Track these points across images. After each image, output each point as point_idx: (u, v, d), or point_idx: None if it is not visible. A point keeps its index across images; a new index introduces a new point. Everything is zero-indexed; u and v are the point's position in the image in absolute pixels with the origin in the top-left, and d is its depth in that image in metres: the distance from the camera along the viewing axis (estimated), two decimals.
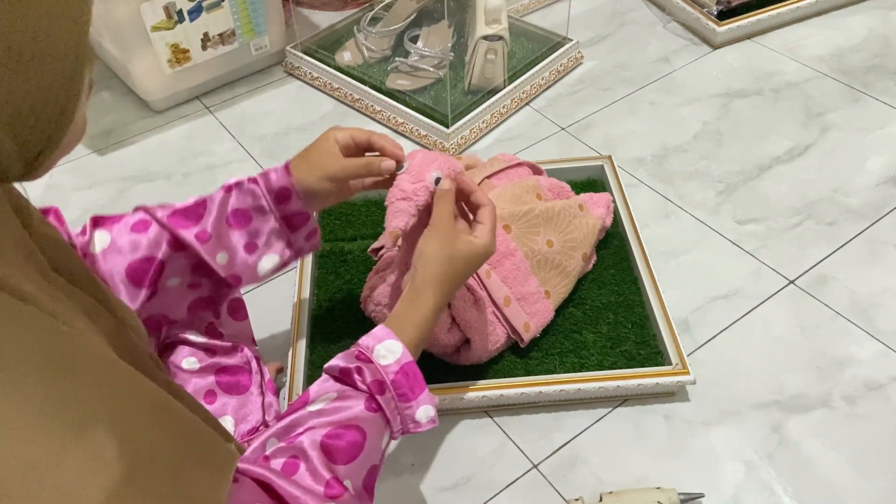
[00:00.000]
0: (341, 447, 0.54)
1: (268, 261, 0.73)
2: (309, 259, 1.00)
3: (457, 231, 0.69)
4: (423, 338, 0.64)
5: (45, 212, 0.64)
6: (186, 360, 0.75)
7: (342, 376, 0.59)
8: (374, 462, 0.57)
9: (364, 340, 0.61)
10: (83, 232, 0.67)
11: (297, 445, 0.53)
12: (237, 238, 0.70)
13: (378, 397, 0.58)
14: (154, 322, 0.71)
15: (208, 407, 0.74)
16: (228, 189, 0.70)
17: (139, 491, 0.33)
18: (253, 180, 0.71)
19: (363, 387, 0.58)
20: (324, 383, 0.59)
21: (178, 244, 0.68)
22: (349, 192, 0.76)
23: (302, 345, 0.89)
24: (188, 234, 0.68)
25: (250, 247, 0.71)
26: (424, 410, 0.61)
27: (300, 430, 0.54)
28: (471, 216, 0.74)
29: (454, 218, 0.70)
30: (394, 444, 0.85)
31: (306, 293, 0.95)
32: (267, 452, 0.53)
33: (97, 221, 0.68)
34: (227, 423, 0.74)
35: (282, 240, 0.73)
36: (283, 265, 0.76)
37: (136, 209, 0.70)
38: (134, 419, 0.35)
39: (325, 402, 0.57)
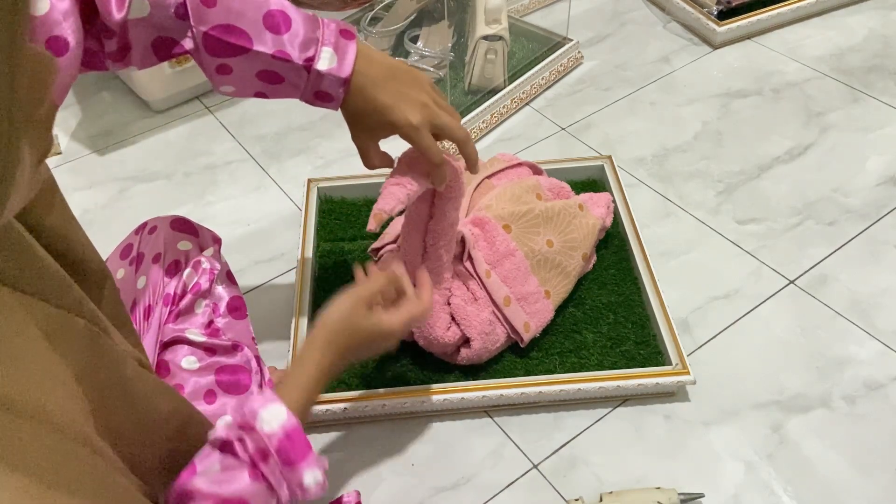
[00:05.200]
0: None
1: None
2: (309, 259, 1.00)
3: (368, 307, 0.68)
4: (310, 399, 0.63)
5: None
6: (186, 359, 0.75)
7: (224, 447, 0.57)
8: None
9: (248, 404, 0.59)
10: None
11: None
12: (256, 86, 0.67)
13: (262, 465, 0.56)
14: None
15: (208, 407, 0.74)
16: (279, 58, 0.63)
17: None
18: (308, 65, 0.64)
19: (245, 457, 0.56)
20: (208, 455, 0.57)
21: (197, 51, 0.64)
22: None
23: (302, 345, 0.89)
24: (212, 62, 0.64)
25: (260, 95, 0.68)
26: (312, 475, 0.58)
27: (186, 498, 0.54)
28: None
29: (373, 298, 0.69)
30: (380, 434, 0.85)
31: (306, 293, 0.95)
32: None
33: None
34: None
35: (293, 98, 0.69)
36: None
37: None
38: None
39: (209, 475, 0.55)
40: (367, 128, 0.69)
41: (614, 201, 1.05)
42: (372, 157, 0.71)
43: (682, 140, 1.24)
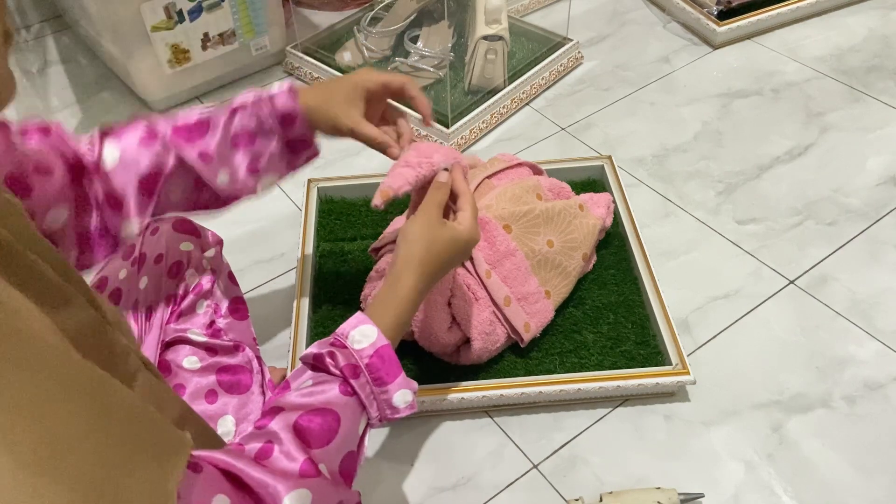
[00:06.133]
0: (314, 430, 0.53)
1: (267, 180, 0.73)
2: (309, 259, 1.00)
3: (441, 217, 0.69)
4: (402, 321, 0.64)
5: (45, 130, 0.63)
6: (187, 359, 0.75)
7: (316, 363, 0.59)
8: (351, 448, 0.56)
9: (340, 328, 0.60)
10: (91, 144, 0.66)
11: (269, 430, 0.52)
12: (240, 158, 0.70)
13: (352, 381, 0.57)
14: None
15: (209, 406, 0.74)
16: (234, 111, 0.70)
17: (57, 485, 0.31)
18: (258, 102, 0.70)
19: (336, 371, 0.57)
20: (301, 373, 0.59)
21: (182, 161, 0.68)
22: None
23: (302, 345, 0.90)
24: (191, 153, 0.68)
25: (252, 167, 0.71)
26: (402, 395, 0.60)
27: (274, 414, 0.54)
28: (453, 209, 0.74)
29: (443, 208, 0.70)
30: (380, 433, 0.85)
31: (306, 293, 0.95)
32: (238, 439, 0.52)
33: (105, 133, 0.68)
34: (228, 422, 0.74)
35: (283, 161, 0.73)
36: (279, 181, 0.76)
37: (137, 120, 0.69)
38: (54, 409, 0.33)
39: (301, 390, 0.56)
40: (343, 99, 0.72)
41: (614, 201, 1.05)
42: (366, 126, 0.72)
43: (682, 140, 1.24)
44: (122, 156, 0.66)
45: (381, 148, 0.73)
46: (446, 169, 0.72)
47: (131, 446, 0.36)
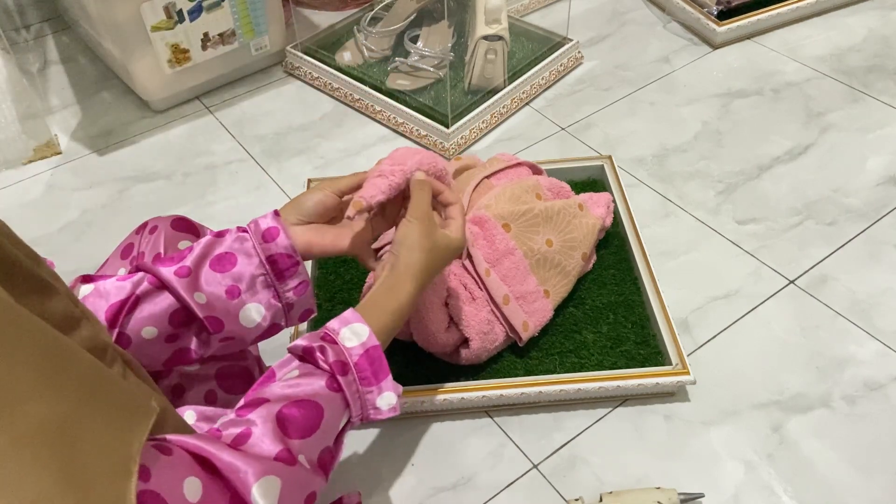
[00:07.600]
0: (297, 420, 0.53)
1: (253, 310, 0.68)
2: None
3: (435, 223, 0.69)
4: (395, 325, 0.63)
5: None
6: None
7: (305, 355, 0.58)
8: (328, 444, 0.56)
9: (331, 323, 0.60)
10: (71, 285, 0.65)
11: (250, 418, 0.52)
12: (219, 280, 0.67)
13: (340, 378, 0.57)
14: None
15: (209, 407, 0.74)
16: (218, 234, 0.68)
17: (6, 436, 0.31)
18: (243, 228, 0.68)
19: (325, 366, 0.57)
20: (287, 363, 0.59)
21: (157, 283, 0.65)
22: (344, 243, 0.73)
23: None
24: (167, 271, 0.65)
25: (232, 290, 0.67)
26: (386, 397, 0.59)
27: (258, 404, 0.54)
28: (442, 214, 0.74)
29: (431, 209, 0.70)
30: (381, 434, 0.85)
31: None
32: (217, 425, 0.52)
33: (85, 278, 0.66)
34: None
35: (268, 288, 0.68)
36: (273, 324, 0.70)
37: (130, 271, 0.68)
38: (15, 387, 0.33)
39: (286, 381, 0.56)
40: (309, 193, 0.72)
41: (614, 201, 1.05)
42: (339, 179, 0.72)
43: (682, 140, 1.24)
44: (96, 288, 0.64)
45: (361, 181, 0.73)
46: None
47: (90, 406, 0.36)
